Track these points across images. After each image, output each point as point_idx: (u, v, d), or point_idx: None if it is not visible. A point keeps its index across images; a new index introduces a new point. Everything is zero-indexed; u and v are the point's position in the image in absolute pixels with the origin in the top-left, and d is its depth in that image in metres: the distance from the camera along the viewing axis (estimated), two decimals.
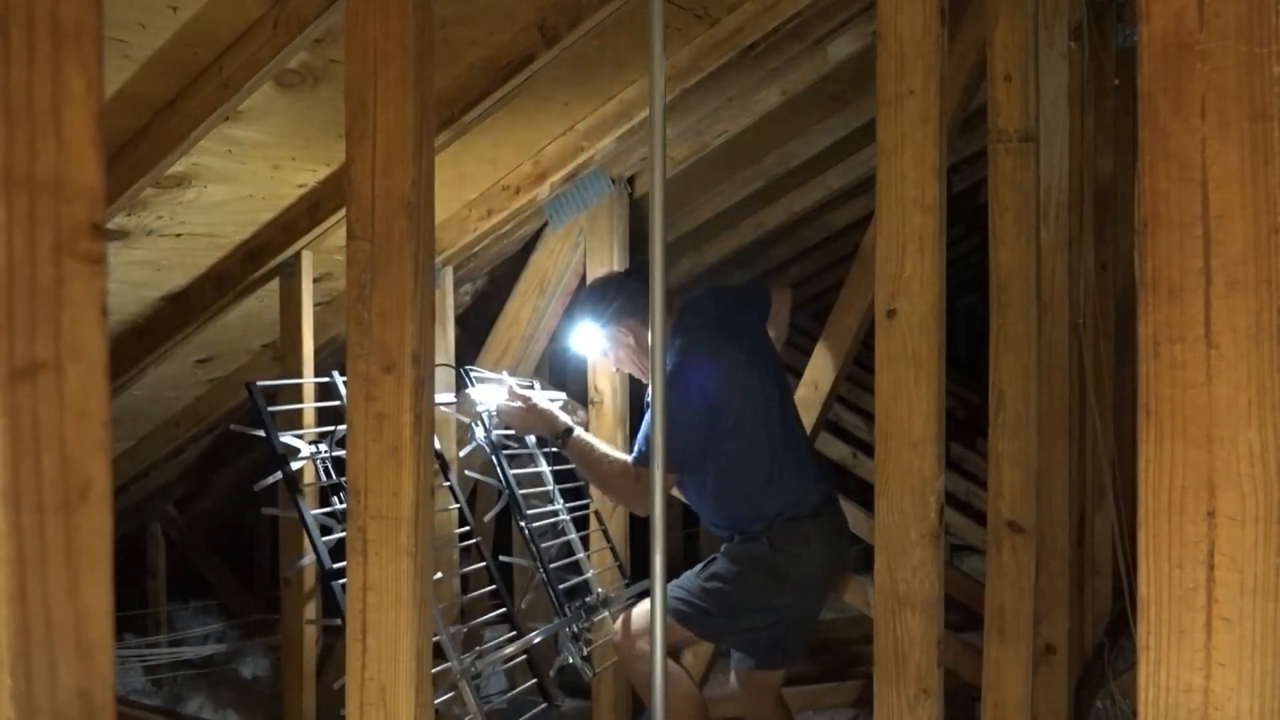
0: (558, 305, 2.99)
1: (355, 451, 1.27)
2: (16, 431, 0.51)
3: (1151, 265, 0.73)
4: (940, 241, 1.41)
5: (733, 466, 2.35)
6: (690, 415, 2.26)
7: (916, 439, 1.42)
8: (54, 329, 0.52)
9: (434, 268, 1.59)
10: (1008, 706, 1.88)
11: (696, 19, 2.31)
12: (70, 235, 0.53)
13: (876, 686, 1.47)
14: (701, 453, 2.31)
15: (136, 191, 2.02)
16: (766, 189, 3.64)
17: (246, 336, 2.99)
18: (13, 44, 0.51)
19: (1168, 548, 0.73)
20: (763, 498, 2.35)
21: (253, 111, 1.97)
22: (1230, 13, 0.70)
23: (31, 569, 0.52)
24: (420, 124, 1.24)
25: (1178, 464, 0.73)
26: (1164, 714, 0.74)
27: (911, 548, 1.43)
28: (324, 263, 2.70)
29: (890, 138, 1.42)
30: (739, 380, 2.35)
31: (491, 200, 2.75)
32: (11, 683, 0.51)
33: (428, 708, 1.29)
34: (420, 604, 1.26)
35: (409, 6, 1.21)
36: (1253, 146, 0.70)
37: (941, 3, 1.40)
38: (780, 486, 2.36)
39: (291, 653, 2.79)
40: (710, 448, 2.32)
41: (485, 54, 2.06)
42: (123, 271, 2.40)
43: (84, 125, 0.53)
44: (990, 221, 1.90)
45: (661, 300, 1.60)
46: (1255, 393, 0.70)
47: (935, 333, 1.42)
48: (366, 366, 1.25)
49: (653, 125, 1.57)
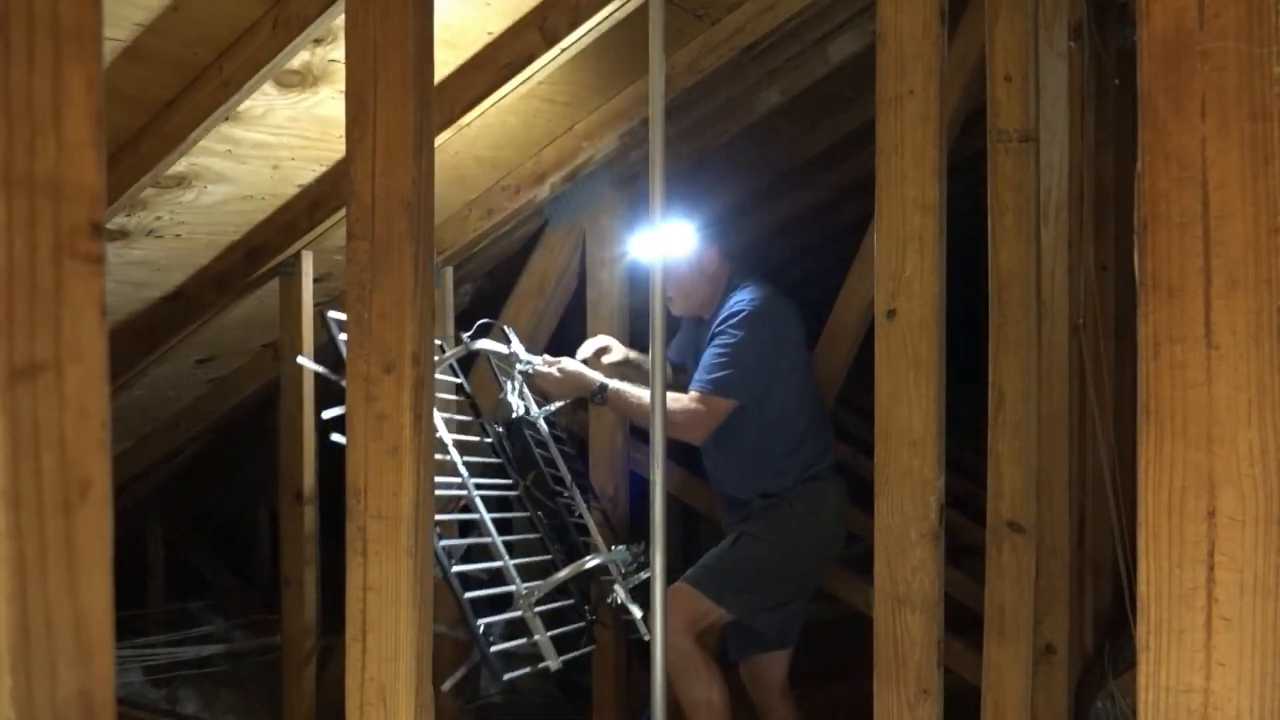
0: (558, 305, 2.99)
1: (355, 451, 1.27)
2: (16, 431, 0.51)
3: (1151, 265, 0.73)
4: (940, 241, 1.41)
5: (779, 415, 2.44)
6: (761, 350, 2.39)
7: (916, 439, 1.42)
8: (54, 329, 0.52)
9: (434, 268, 1.59)
10: (1008, 706, 1.88)
11: (696, 19, 2.32)
12: (70, 235, 0.53)
13: (876, 686, 1.47)
14: (763, 389, 2.41)
15: (136, 191, 2.02)
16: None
17: (246, 336, 2.99)
18: (13, 44, 0.51)
19: (1168, 548, 0.73)
20: (796, 453, 2.45)
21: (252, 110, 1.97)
22: (1230, 13, 0.70)
23: (31, 569, 0.52)
24: (420, 124, 1.24)
25: (1178, 464, 0.73)
26: (1164, 714, 0.74)
27: (911, 548, 1.43)
28: (324, 263, 2.70)
29: (890, 138, 1.42)
30: (799, 336, 2.50)
31: (491, 200, 2.75)
32: (12, 683, 0.51)
33: (427, 708, 1.29)
34: (420, 604, 1.26)
35: (409, 6, 1.21)
36: (1253, 146, 0.70)
37: (941, 3, 1.40)
38: (811, 443, 2.48)
39: (291, 653, 2.79)
40: (770, 388, 2.42)
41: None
42: (123, 271, 2.40)
43: (84, 125, 0.53)
44: (990, 221, 1.90)
45: (662, 300, 1.60)
46: (1255, 393, 0.70)
47: (935, 333, 1.42)
48: (366, 366, 1.25)
49: (653, 125, 1.57)
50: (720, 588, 2.40)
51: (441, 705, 2.88)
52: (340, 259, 2.66)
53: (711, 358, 2.38)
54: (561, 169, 2.66)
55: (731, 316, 2.40)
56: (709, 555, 2.47)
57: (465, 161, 2.58)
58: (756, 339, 2.37)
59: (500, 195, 2.73)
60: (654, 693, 1.63)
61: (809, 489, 2.46)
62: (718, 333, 2.41)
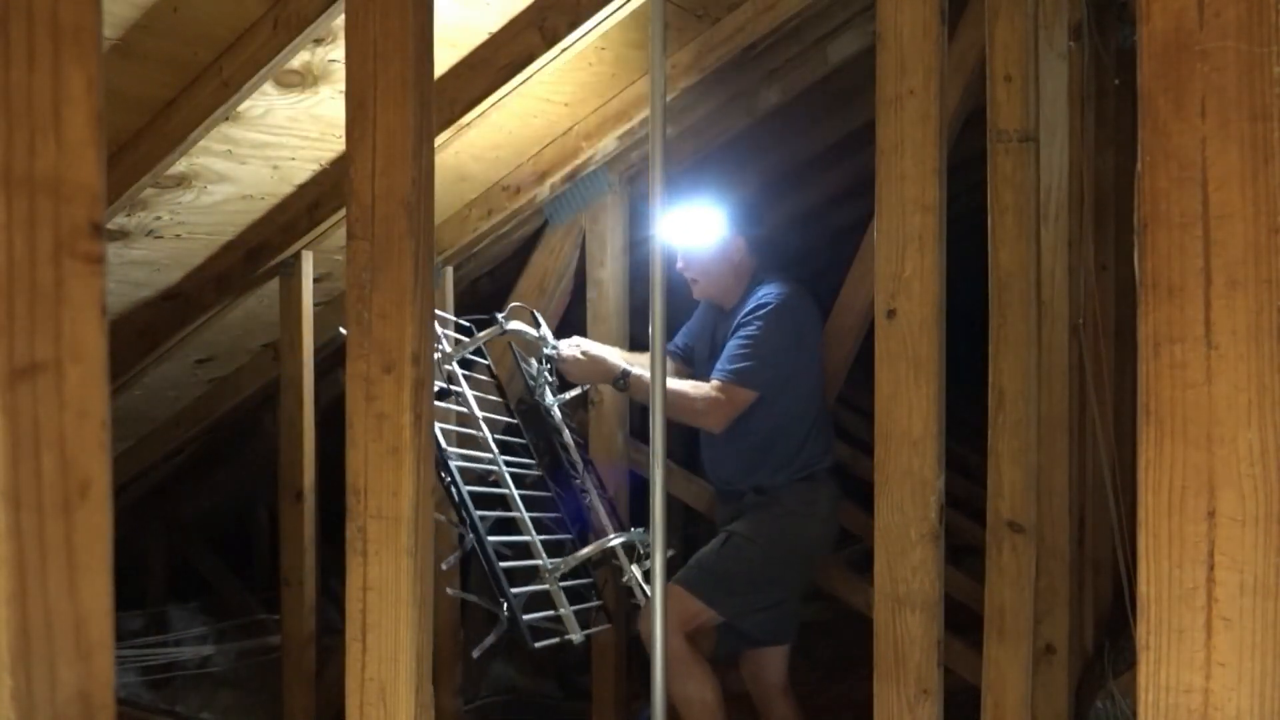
0: (558, 305, 2.99)
1: (355, 451, 1.27)
2: (16, 431, 0.51)
3: (1151, 265, 0.73)
4: (940, 242, 1.41)
5: (789, 411, 2.46)
6: (783, 344, 2.41)
7: (916, 439, 1.42)
8: (54, 329, 0.52)
9: (434, 268, 1.59)
10: (1008, 706, 1.88)
11: (696, 19, 2.32)
12: (70, 235, 0.53)
13: (876, 686, 1.47)
14: (780, 384, 2.43)
15: (136, 191, 2.02)
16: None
17: (246, 336, 2.99)
18: (13, 44, 0.51)
19: (1168, 548, 0.73)
20: (798, 451, 2.47)
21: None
22: (1230, 13, 0.70)
23: (31, 569, 0.52)
24: (420, 124, 1.24)
25: (1178, 464, 0.73)
26: (1164, 714, 0.74)
27: (911, 548, 1.43)
28: (324, 263, 2.70)
29: (890, 138, 1.42)
30: (817, 336, 2.55)
31: (491, 200, 2.75)
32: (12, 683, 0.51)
33: (428, 708, 1.29)
34: (420, 604, 1.26)
35: (409, 6, 1.21)
36: (1253, 146, 0.70)
37: (941, 3, 1.40)
38: (813, 442, 2.49)
39: (291, 653, 2.79)
40: (786, 384, 2.44)
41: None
42: (123, 271, 2.40)
43: (84, 125, 0.53)
44: (990, 221, 1.90)
45: (661, 300, 1.60)
46: (1255, 393, 0.70)
47: (935, 333, 1.42)
48: (366, 366, 1.25)
49: (653, 125, 1.57)
50: (711, 590, 2.41)
51: (441, 705, 2.88)
52: (340, 259, 2.66)
53: (735, 348, 2.40)
54: (561, 169, 2.66)
55: (758, 309, 2.42)
56: (699, 555, 2.49)
57: (465, 161, 2.58)
58: (780, 333, 2.40)
59: (500, 195, 2.73)
60: (654, 693, 1.63)
61: (802, 488, 2.47)
62: (742, 324, 2.43)
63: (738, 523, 2.48)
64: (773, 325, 2.39)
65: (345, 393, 1.28)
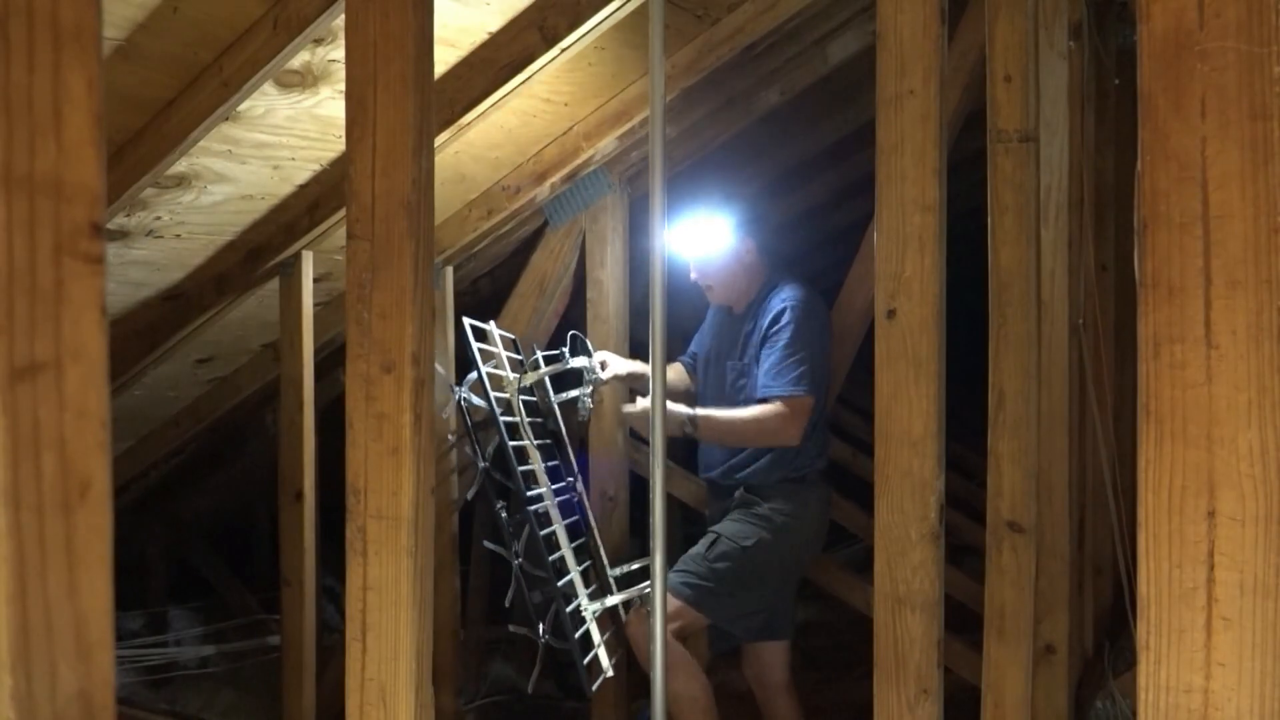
0: (558, 305, 2.99)
1: (355, 451, 1.27)
2: (16, 431, 0.51)
3: (1151, 265, 0.73)
4: (940, 242, 1.41)
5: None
6: (820, 344, 2.46)
7: (916, 439, 1.41)
8: (54, 329, 0.52)
9: (434, 268, 1.59)
10: (1008, 706, 1.88)
11: (696, 19, 2.31)
12: (70, 235, 0.53)
13: (876, 686, 1.47)
14: (825, 379, 2.49)
15: (136, 191, 2.02)
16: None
17: (246, 336, 2.99)
18: (13, 44, 0.51)
19: (1168, 548, 0.73)
20: (800, 451, 2.48)
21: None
22: (1230, 13, 0.70)
23: (31, 569, 0.52)
24: (420, 124, 1.23)
25: (1178, 464, 0.73)
26: (1164, 714, 0.74)
27: (911, 548, 1.43)
28: (324, 263, 2.70)
29: (890, 138, 1.42)
30: (829, 336, 2.56)
31: (491, 200, 2.75)
32: (12, 683, 0.51)
33: (428, 708, 1.29)
34: (420, 604, 1.26)
35: (409, 6, 1.21)
36: (1253, 146, 0.70)
37: (941, 3, 1.40)
38: (813, 442, 2.51)
39: (291, 653, 2.79)
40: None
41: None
42: (123, 271, 2.40)
43: (84, 125, 0.53)
44: (990, 221, 1.90)
45: (661, 300, 1.60)
46: (1255, 393, 0.70)
47: (935, 333, 1.42)
48: (366, 366, 1.25)
49: (653, 125, 1.57)
50: (698, 593, 2.43)
51: (441, 705, 2.88)
52: (340, 259, 2.66)
53: (781, 360, 2.41)
54: (561, 169, 2.66)
55: (782, 315, 2.44)
56: (687, 558, 2.50)
57: (465, 161, 2.58)
58: (812, 333, 2.44)
59: (500, 195, 2.73)
60: (654, 692, 1.63)
61: (792, 490, 2.48)
62: (771, 334, 2.44)
63: (725, 523, 2.49)
64: (804, 328, 2.43)
65: (345, 393, 1.28)
